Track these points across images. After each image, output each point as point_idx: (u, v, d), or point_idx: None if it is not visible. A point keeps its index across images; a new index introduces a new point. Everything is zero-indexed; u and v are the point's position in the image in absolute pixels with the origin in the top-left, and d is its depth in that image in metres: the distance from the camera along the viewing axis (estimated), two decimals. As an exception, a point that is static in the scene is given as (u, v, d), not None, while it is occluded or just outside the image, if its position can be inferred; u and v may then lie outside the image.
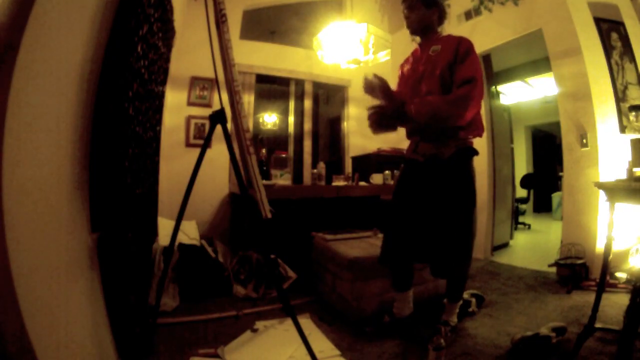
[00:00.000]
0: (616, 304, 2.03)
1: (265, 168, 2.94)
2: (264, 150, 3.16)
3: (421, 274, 2.03)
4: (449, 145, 1.57)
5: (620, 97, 2.67)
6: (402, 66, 1.83)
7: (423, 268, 1.99)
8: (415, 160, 1.68)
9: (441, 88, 1.55)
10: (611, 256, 1.55)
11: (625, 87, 2.71)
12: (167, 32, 1.79)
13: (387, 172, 3.22)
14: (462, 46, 1.55)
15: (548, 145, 7.79)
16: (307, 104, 4.21)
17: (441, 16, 1.68)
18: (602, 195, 1.65)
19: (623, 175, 1.68)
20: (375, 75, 1.65)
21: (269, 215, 1.33)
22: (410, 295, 1.81)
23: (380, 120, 1.64)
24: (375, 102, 1.66)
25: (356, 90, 4.32)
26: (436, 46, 1.62)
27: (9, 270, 0.64)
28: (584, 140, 2.64)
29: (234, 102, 1.34)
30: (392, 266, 1.75)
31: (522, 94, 6.04)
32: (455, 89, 1.50)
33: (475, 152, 1.64)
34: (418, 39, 1.73)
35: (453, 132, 1.57)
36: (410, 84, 1.69)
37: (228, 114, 1.39)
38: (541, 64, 4.17)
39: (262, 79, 3.93)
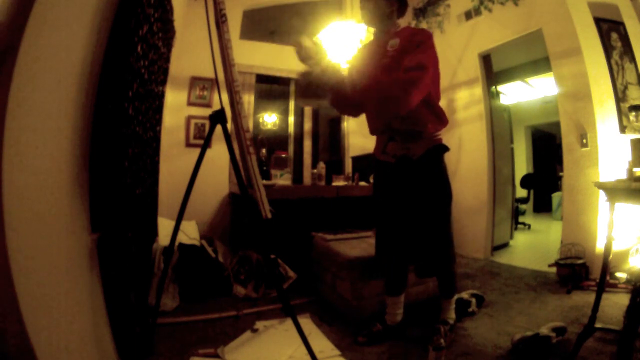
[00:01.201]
0: (616, 304, 2.03)
1: (265, 168, 2.94)
2: (264, 150, 3.16)
3: (421, 274, 2.02)
4: (419, 145, 1.54)
5: (620, 97, 2.67)
6: (355, 58, 1.72)
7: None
8: (385, 162, 1.64)
9: None
10: (611, 256, 1.55)
11: (625, 87, 2.71)
12: (167, 32, 1.79)
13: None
14: (417, 37, 1.45)
15: (548, 145, 7.79)
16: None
17: (401, 8, 1.58)
18: (602, 195, 1.65)
19: (623, 175, 1.68)
20: (308, 39, 1.43)
21: (269, 215, 1.33)
22: (402, 301, 1.77)
23: (307, 84, 1.43)
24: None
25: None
26: (394, 40, 1.51)
27: (9, 270, 0.64)
28: (584, 140, 2.64)
29: (234, 102, 1.34)
30: (383, 269, 1.74)
31: (522, 94, 6.05)
32: (403, 73, 1.37)
33: (446, 149, 1.61)
34: (371, 30, 1.61)
35: (421, 127, 1.51)
36: (367, 83, 1.49)
37: (228, 114, 1.39)
38: (541, 64, 4.17)
39: (262, 79, 3.93)
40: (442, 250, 1.60)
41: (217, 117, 1.37)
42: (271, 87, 4.85)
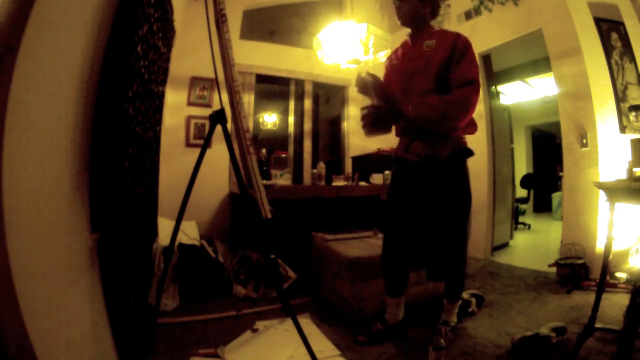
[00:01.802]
0: (616, 304, 2.03)
1: (265, 168, 2.94)
2: (264, 150, 3.16)
3: (421, 274, 2.02)
4: (445, 146, 1.53)
5: (620, 97, 2.67)
6: (390, 59, 1.75)
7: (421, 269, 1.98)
8: (408, 160, 1.62)
9: (436, 86, 1.49)
10: (611, 256, 1.55)
11: (625, 87, 2.71)
12: (167, 32, 1.79)
13: (387, 172, 3.22)
14: (460, 42, 1.48)
15: (548, 145, 7.79)
16: (307, 104, 4.21)
17: (434, 9, 1.62)
18: (602, 195, 1.65)
19: (623, 175, 1.68)
20: (369, 73, 1.59)
21: (269, 215, 1.33)
22: (402, 301, 1.74)
23: (374, 121, 1.56)
24: (368, 101, 1.61)
25: (356, 91, 4.31)
26: (430, 41, 1.54)
27: (9, 270, 0.64)
28: (584, 140, 2.64)
29: (234, 102, 1.34)
30: (387, 270, 1.71)
31: (522, 94, 6.04)
32: (455, 89, 1.44)
33: (471, 153, 1.61)
34: (409, 30, 1.65)
35: (449, 131, 1.53)
36: (400, 80, 1.61)
37: (228, 114, 1.39)
38: (541, 64, 4.17)
39: (262, 79, 3.93)
40: (458, 254, 1.59)
41: (217, 117, 1.37)
42: (271, 87, 4.85)
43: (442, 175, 1.54)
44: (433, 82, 1.49)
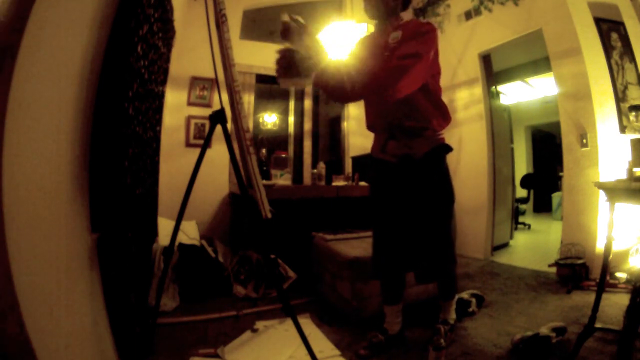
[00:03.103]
0: (616, 304, 2.03)
1: (265, 168, 2.94)
2: (264, 150, 3.16)
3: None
4: (422, 144, 1.49)
5: (620, 97, 2.67)
6: (351, 54, 1.66)
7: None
8: (385, 161, 1.57)
9: None
10: (611, 256, 1.55)
11: (625, 87, 2.71)
12: (167, 32, 1.79)
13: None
14: (422, 28, 1.37)
15: (548, 145, 7.79)
16: (307, 104, 4.21)
17: (405, 1, 1.52)
18: (602, 195, 1.65)
19: (623, 175, 1.68)
20: (292, 17, 1.39)
21: (269, 215, 1.33)
22: (400, 309, 1.70)
23: (287, 66, 1.34)
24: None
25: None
26: (396, 32, 1.44)
27: (9, 270, 0.64)
28: (584, 140, 2.64)
29: (234, 102, 1.34)
30: (381, 278, 1.67)
31: (522, 94, 6.04)
32: (396, 60, 1.30)
33: (449, 149, 1.56)
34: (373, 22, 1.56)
35: (424, 123, 1.47)
36: None
37: (228, 114, 1.39)
38: (541, 64, 4.18)
39: (262, 79, 3.93)
40: (444, 253, 1.56)
41: (217, 117, 1.36)
42: (271, 87, 4.84)
43: (420, 175, 1.50)
44: None
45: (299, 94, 4.29)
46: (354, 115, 4.32)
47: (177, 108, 3.25)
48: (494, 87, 3.79)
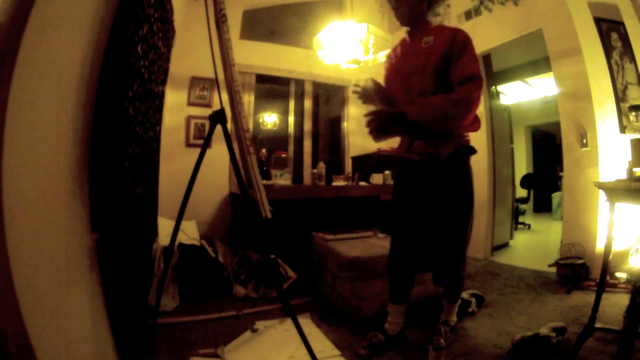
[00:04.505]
0: (616, 304, 2.03)
1: (265, 168, 2.94)
2: (264, 150, 3.16)
3: (420, 275, 2.02)
4: (448, 144, 1.51)
5: (620, 97, 2.67)
6: (389, 57, 1.73)
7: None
8: (410, 159, 1.59)
9: (435, 83, 1.46)
10: (611, 256, 1.54)
11: (625, 87, 2.71)
12: (167, 32, 1.79)
13: (387, 172, 3.22)
14: (459, 37, 1.44)
15: (548, 145, 7.79)
16: (307, 104, 4.21)
17: (430, 4, 1.59)
18: (602, 195, 1.65)
19: (623, 175, 1.68)
20: (369, 79, 1.57)
21: (269, 215, 1.33)
22: (404, 311, 1.69)
23: (381, 127, 1.50)
24: (372, 108, 1.57)
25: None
26: (428, 37, 1.52)
27: (9, 270, 0.64)
28: (584, 140, 2.64)
29: (234, 102, 1.34)
30: (393, 275, 1.67)
31: (522, 94, 6.04)
32: (457, 86, 1.41)
33: (474, 151, 1.59)
34: (406, 28, 1.63)
35: (452, 128, 1.51)
36: (400, 79, 1.58)
37: (228, 114, 1.39)
38: (541, 64, 4.17)
39: (262, 79, 3.93)
40: (458, 255, 1.56)
41: (217, 117, 1.36)
42: (271, 87, 4.85)
43: (443, 174, 1.51)
44: (432, 79, 1.46)
45: (299, 94, 4.29)
46: (354, 115, 4.32)
47: (177, 108, 3.25)
48: (494, 87, 3.78)
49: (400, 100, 1.57)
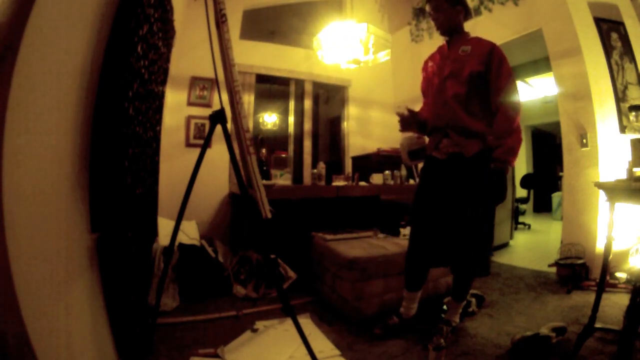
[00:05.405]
0: (616, 304, 2.03)
1: (265, 168, 2.94)
2: (264, 150, 3.16)
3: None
4: (473, 144, 1.57)
5: (620, 97, 2.67)
6: (426, 63, 1.84)
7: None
8: (436, 158, 1.69)
9: (468, 90, 1.57)
10: (611, 256, 1.55)
11: (625, 87, 2.71)
12: (167, 32, 1.79)
13: (387, 172, 3.22)
14: (496, 55, 1.56)
15: (548, 145, 7.79)
16: (307, 104, 4.21)
17: (467, 14, 1.72)
18: (602, 195, 1.65)
19: (623, 175, 1.68)
20: (404, 107, 1.71)
21: (269, 215, 1.33)
22: (418, 296, 1.79)
23: (414, 153, 1.77)
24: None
25: (356, 91, 4.32)
26: (466, 47, 1.63)
27: (9, 270, 0.64)
28: (584, 140, 2.64)
29: (234, 102, 1.34)
30: (411, 266, 1.74)
31: (522, 94, 6.03)
32: (503, 108, 1.54)
33: None
34: (436, 35, 1.79)
35: (481, 129, 1.58)
36: (436, 83, 1.69)
37: (228, 114, 1.39)
38: (541, 64, 4.17)
39: (262, 79, 3.93)
40: (479, 252, 1.59)
41: (217, 117, 1.36)
42: (271, 87, 4.85)
43: (467, 173, 1.58)
44: (465, 86, 1.57)
45: (299, 94, 4.29)
46: (354, 115, 4.32)
47: (177, 108, 3.25)
48: (494, 87, 3.77)
49: (433, 101, 1.70)
